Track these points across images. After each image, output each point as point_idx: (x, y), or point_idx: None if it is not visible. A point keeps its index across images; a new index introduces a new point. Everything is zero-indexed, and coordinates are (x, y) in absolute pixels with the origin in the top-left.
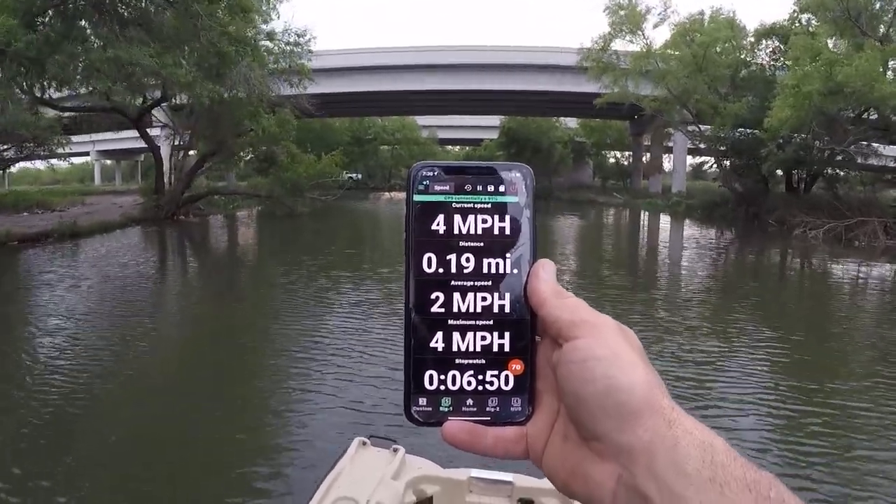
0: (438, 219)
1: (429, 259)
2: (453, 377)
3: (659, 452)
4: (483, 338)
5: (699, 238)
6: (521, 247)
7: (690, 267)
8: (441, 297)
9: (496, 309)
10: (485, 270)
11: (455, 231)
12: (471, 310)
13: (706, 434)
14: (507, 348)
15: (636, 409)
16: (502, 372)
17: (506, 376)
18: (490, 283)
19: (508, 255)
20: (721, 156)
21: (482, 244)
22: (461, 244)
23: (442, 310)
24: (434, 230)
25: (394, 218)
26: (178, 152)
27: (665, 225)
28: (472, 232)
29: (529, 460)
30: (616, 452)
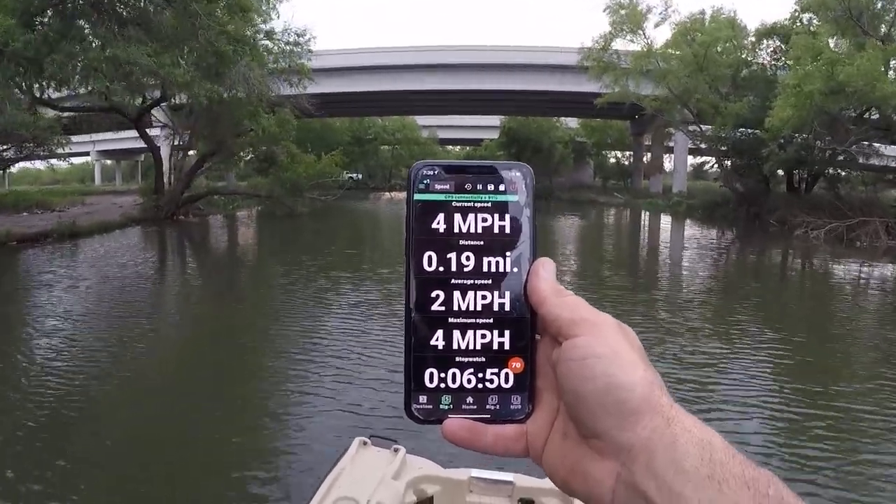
0: (439, 217)
1: (429, 257)
2: (453, 375)
3: (658, 450)
4: (483, 336)
5: (700, 238)
6: (521, 245)
7: (692, 267)
8: (441, 296)
9: (496, 307)
10: (485, 269)
11: (455, 230)
12: (471, 308)
13: (705, 432)
14: (507, 346)
15: (635, 407)
16: (502, 370)
17: (506, 374)
18: (490, 282)
19: (508, 254)
20: (722, 156)
21: (482, 243)
22: (461, 243)
23: (442, 308)
24: (434, 229)
25: (394, 218)
26: (178, 152)
27: (666, 225)
28: (473, 231)
29: (529, 459)
30: (615, 450)
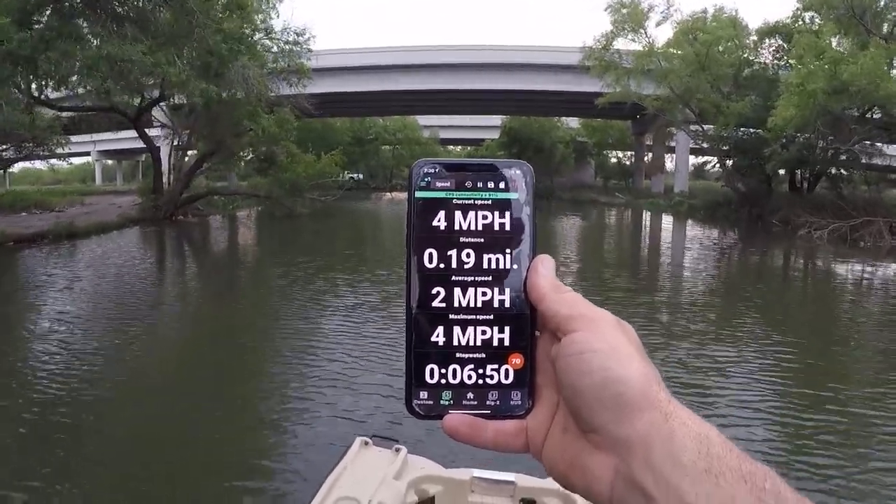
0: (439, 215)
1: (430, 254)
2: (454, 371)
3: (655, 444)
4: (483, 332)
5: (702, 238)
6: (521, 243)
7: (694, 268)
8: (442, 292)
9: (496, 304)
10: (485, 266)
11: (456, 227)
12: (471, 305)
13: (702, 426)
14: (507, 342)
15: (633, 402)
16: (502, 366)
17: (506, 370)
18: (490, 279)
19: (508, 251)
20: (724, 155)
21: (482, 240)
22: (462, 240)
23: (443, 304)
24: (435, 226)
25: (395, 218)
26: (177, 152)
27: (667, 225)
28: (473, 228)
29: (530, 457)
30: (613, 444)
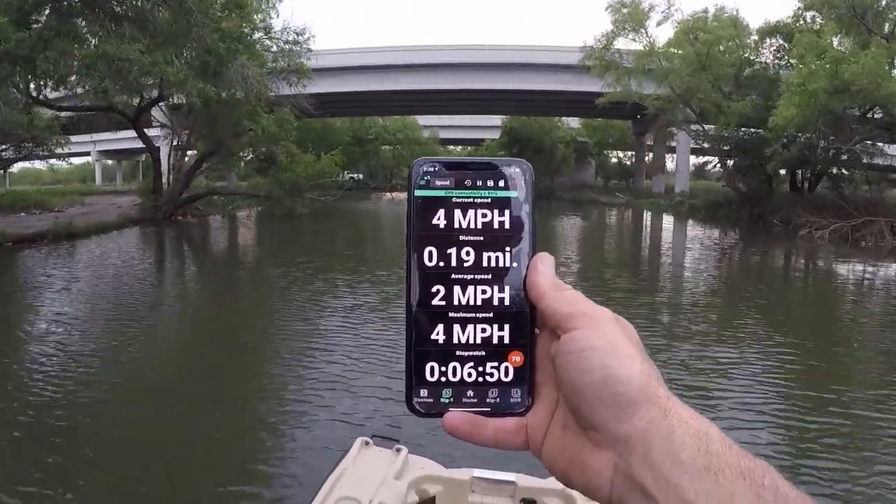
0: (439, 213)
1: (430, 253)
2: (454, 369)
3: (654, 441)
4: (483, 330)
5: (703, 239)
6: (521, 241)
7: (695, 269)
8: (442, 290)
9: (496, 302)
10: (485, 264)
11: (455, 225)
12: (471, 303)
13: (701, 423)
14: (507, 340)
15: (633, 399)
16: (502, 363)
17: (506, 368)
18: (490, 277)
19: (508, 249)
20: (725, 155)
21: (482, 238)
22: (461, 238)
23: (443, 303)
24: (435, 224)
25: (395, 218)
26: (177, 152)
27: (668, 225)
28: (473, 226)
29: (529, 451)
30: (613, 441)
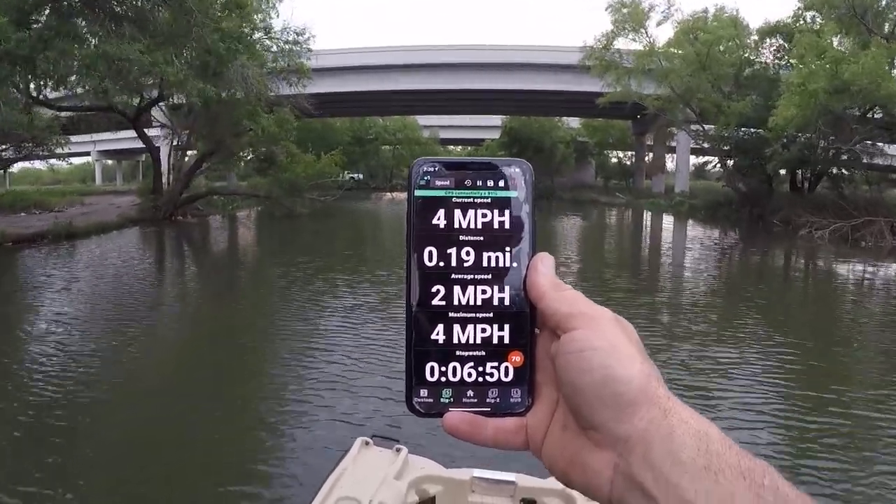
0: (439, 213)
1: (430, 252)
2: (454, 369)
3: (654, 441)
4: (483, 330)
5: (703, 239)
6: (521, 241)
7: (695, 269)
8: (442, 290)
9: (496, 302)
10: (485, 264)
11: (455, 225)
12: (471, 302)
13: (701, 423)
14: (507, 340)
15: (633, 399)
16: (502, 363)
17: (506, 368)
18: (490, 277)
19: (508, 249)
20: (725, 155)
21: (482, 238)
22: (461, 238)
23: (443, 303)
24: (435, 224)
25: (395, 218)
26: (177, 152)
27: (668, 225)
28: (473, 226)
29: (529, 451)
30: (613, 441)
